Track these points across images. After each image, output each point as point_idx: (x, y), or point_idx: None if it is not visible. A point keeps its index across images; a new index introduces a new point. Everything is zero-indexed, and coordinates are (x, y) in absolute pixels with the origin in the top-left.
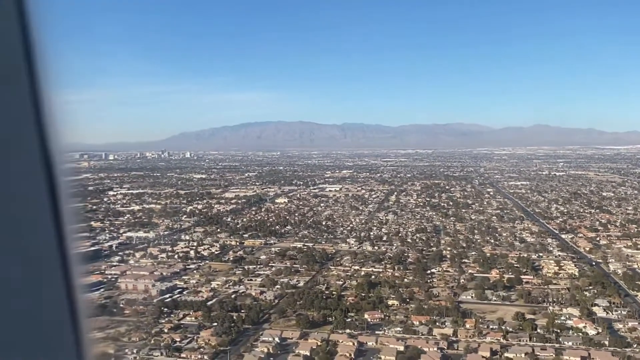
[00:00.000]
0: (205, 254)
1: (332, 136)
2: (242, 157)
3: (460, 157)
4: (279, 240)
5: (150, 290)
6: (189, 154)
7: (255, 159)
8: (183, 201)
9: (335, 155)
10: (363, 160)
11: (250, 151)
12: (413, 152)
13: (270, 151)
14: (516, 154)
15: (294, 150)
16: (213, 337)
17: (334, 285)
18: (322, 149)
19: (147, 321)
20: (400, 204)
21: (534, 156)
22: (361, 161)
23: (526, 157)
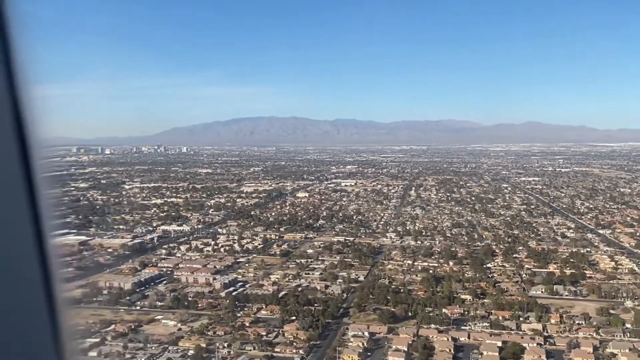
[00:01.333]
0: (250, 248)
1: (325, 132)
2: (239, 153)
3: (457, 154)
4: (317, 234)
5: (214, 283)
6: (185, 148)
7: (253, 154)
8: (203, 195)
9: (331, 151)
10: (360, 156)
11: (245, 146)
12: (408, 149)
13: (265, 146)
14: (511, 151)
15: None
16: (299, 331)
17: (397, 280)
18: (316, 144)
19: (225, 315)
20: (422, 199)
21: (530, 153)
22: (359, 157)
23: (523, 154)
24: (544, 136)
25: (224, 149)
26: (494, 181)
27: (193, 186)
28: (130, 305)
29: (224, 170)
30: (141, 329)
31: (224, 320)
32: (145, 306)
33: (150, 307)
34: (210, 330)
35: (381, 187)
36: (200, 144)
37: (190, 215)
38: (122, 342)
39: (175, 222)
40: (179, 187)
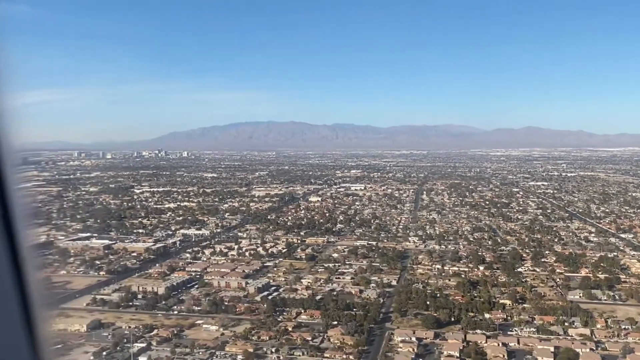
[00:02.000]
0: (275, 252)
1: (323, 137)
2: (240, 157)
3: (459, 158)
4: (338, 238)
5: (247, 287)
6: (186, 153)
7: (254, 159)
8: (215, 199)
9: (331, 156)
10: (362, 160)
11: (245, 151)
12: (408, 153)
13: (264, 151)
14: (512, 156)
15: (288, 150)
16: (344, 335)
17: (432, 285)
18: (315, 149)
19: (265, 319)
20: (436, 203)
21: (531, 157)
22: (361, 161)
23: (524, 159)
24: (543, 141)
25: (224, 154)
26: (503, 185)
27: (203, 190)
28: (167, 309)
29: (229, 174)
30: (183, 334)
31: (266, 324)
32: (182, 311)
33: (187, 311)
34: (255, 335)
35: (391, 191)
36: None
37: (207, 220)
38: (169, 347)
39: (194, 226)
40: (189, 192)
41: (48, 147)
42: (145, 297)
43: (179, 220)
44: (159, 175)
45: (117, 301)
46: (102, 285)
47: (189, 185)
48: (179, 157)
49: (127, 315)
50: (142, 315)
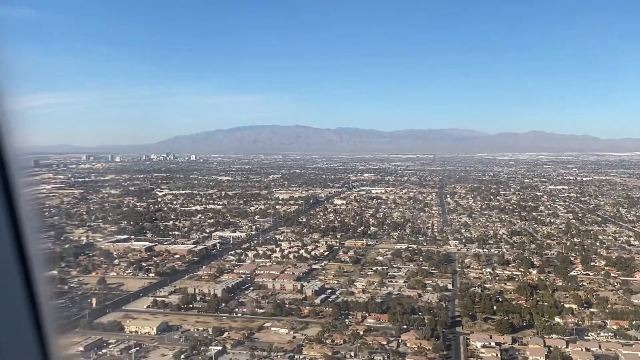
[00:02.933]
0: (317, 254)
1: (328, 140)
2: (247, 161)
3: (467, 162)
4: (376, 241)
5: (304, 290)
6: (194, 156)
7: (263, 163)
8: (239, 202)
9: (338, 159)
10: (370, 164)
11: (251, 154)
12: (414, 157)
13: (270, 154)
14: (520, 160)
15: (293, 154)
16: (419, 340)
17: (490, 289)
18: (320, 153)
19: (332, 322)
20: (463, 207)
21: (540, 162)
22: (370, 165)
23: (533, 163)
24: (548, 145)
25: (231, 157)
26: (524, 189)
27: (225, 193)
28: (230, 312)
29: (244, 177)
30: (254, 337)
31: (337, 328)
32: (245, 313)
33: (251, 314)
34: (328, 339)
35: (413, 194)
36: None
37: (238, 222)
38: (245, 350)
39: (227, 228)
40: (210, 194)
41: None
42: (204, 300)
43: (210, 222)
44: (174, 179)
45: (177, 303)
46: (155, 287)
47: (208, 188)
48: (187, 160)
49: (191, 317)
50: (206, 317)
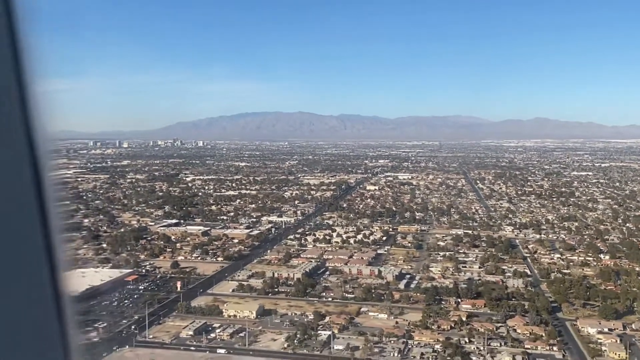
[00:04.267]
0: (376, 239)
1: (332, 127)
2: (255, 147)
3: (475, 149)
4: (428, 226)
5: (385, 275)
6: (201, 142)
7: (271, 149)
8: (271, 187)
9: (344, 146)
10: (379, 151)
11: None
12: (420, 144)
13: (276, 141)
14: (527, 147)
15: (297, 140)
16: (528, 326)
17: (572, 274)
18: (324, 139)
19: (430, 308)
20: (499, 193)
21: (548, 149)
22: (379, 152)
23: (542, 150)
24: (552, 132)
25: (238, 144)
26: (549, 175)
27: (253, 179)
28: (318, 296)
29: (260, 163)
30: (355, 322)
31: (439, 314)
32: (335, 298)
33: (341, 299)
34: (434, 325)
35: (441, 180)
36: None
37: (281, 207)
38: (354, 335)
39: (272, 213)
40: (239, 180)
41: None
42: (286, 284)
43: (252, 207)
44: (192, 165)
45: (261, 287)
46: (229, 271)
47: (231, 173)
48: (196, 147)
49: (282, 302)
50: (298, 302)
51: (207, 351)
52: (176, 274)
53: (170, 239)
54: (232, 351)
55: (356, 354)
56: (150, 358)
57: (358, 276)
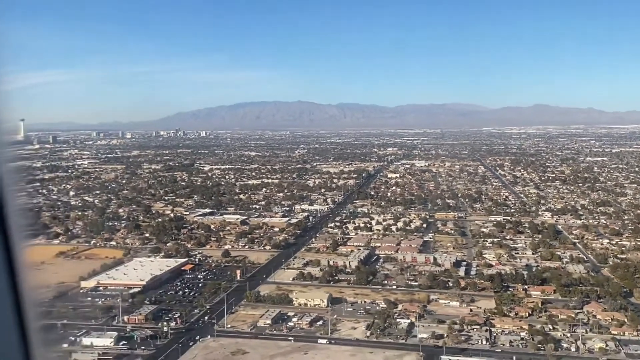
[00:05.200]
0: (416, 226)
1: (331, 116)
2: (258, 137)
3: (479, 136)
4: (464, 213)
5: (442, 263)
6: (204, 133)
7: (274, 138)
8: (292, 176)
9: (346, 135)
10: (382, 139)
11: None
12: (422, 132)
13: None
14: (530, 133)
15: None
16: (608, 312)
17: (630, 259)
18: (326, 128)
19: (501, 295)
20: (521, 179)
21: (552, 135)
22: (383, 140)
23: (546, 136)
24: (552, 119)
25: (240, 134)
26: (565, 160)
27: (271, 167)
28: (381, 284)
29: (270, 153)
30: (428, 309)
31: (514, 300)
32: (400, 285)
33: (406, 286)
34: (511, 312)
35: (459, 167)
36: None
37: (309, 195)
38: (433, 323)
39: (302, 202)
40: (257, 169)
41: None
42: (344, 272)
43: (280, 196)
44: (202, 154)
45: (320, 275)
46: (280, 260)
47: (245, 163)
48: (199, 137)
49: (346, 290)
50: (362, 290)
51: (292, 339)
52: (230, 263)
53: (211, 228)
54: (317, 340)
55: (440, 342)
56: (236, 348)
57: (413, 263)
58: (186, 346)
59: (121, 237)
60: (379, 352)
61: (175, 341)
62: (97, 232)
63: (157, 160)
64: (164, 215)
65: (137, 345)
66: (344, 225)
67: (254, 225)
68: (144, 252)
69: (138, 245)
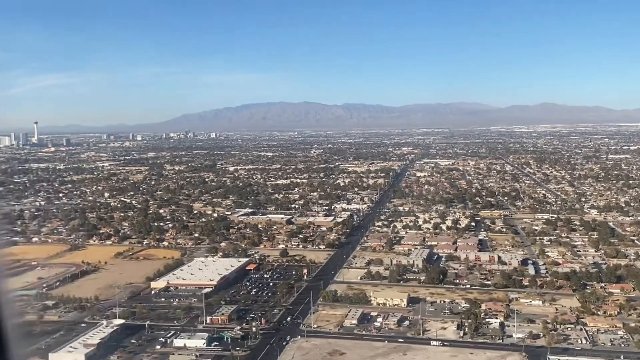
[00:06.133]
0: (466, 225)
1: (337, 116)
2: (268, 137)
3: (489, 135)
4: (508, 211)
5: (509, 261)
6: (213, 134)
7: (284, 139)
8: (319, 175)
9: (354, 135)
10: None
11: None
12: (429, 131)
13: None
14: (540, 132)
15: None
16: None
17: None
18: (332, 128)
19: (582, 294)
20: (552, 176)
21: (562, 133)
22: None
23: (558, 134)
24: (560, 117)
25: (249, 134)
26: (589, 158)
27: (296, 167)
28: (453, 283)
29: (286, 153)
30: (514, 309)
31: (598, 299)
32: (474, 285)
33: (480, 285)
34: (598, 310)
35: (484, 165)
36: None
37: (345, 194)
38: (525, 323)
39: (339, 201)
40: (282, 169)
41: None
42: (410, 271)
43: (314, 195)
44: (219, 155)
45: (386, 275)
46: (339, 258)
47: (266, 163)
48: (209, 138)
49: (420, 289)
50: (436, 289)
51: (385, 341)
52: (290, 262)
53: (259, 228)
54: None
55: (538, 342)
56: (331, 348)
57: (477, 262)
58: (280, 347)
59: (171, 237)
60: (479, 352)
61: (265, 342)
62: (146, 232)
63: (175, 161)
64: (207, 216)
65: (230, 346)
66: (391, 224)
67: (300, 225)
68: (200, 252)
69: (191, 245)
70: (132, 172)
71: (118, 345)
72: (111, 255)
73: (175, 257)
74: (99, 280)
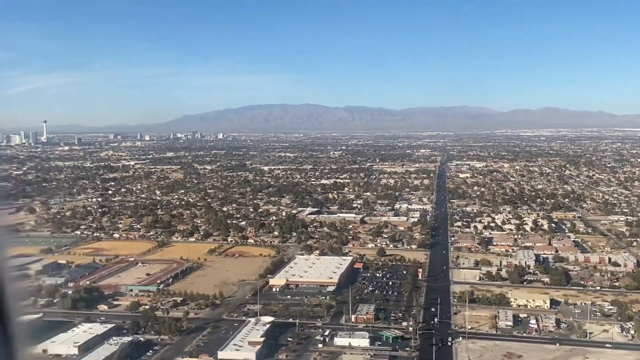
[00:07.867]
0: (549, 226)
1: (340, 119)
2: (276, 139)
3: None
4: (577, 212)
5: (625, 263)
6: (221, 135)
7: (292, 141)
8: (359, 175)
9: (360, 137)
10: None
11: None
12: (434, 134)
13: (287, 133)
14: (546, 136)
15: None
16: None
17: None
18: (335, 131)
19: None
20: (594, 179)
21: (569, 137)
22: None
23: (565, 139)
24: (563, 122)
25: (256, 136)
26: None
27: (330, 168)
28: (580, 285)
29: (306, 154)
30: None
31: None
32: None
33: (610, 287)
34: None
35: (519, 168)
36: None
37: (402, 195)
38: None
39: (398, 201)
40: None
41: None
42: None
43: (368, 195)
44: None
45: (505, 276)
46: (437, 259)
47: (292, 163)
48: (216, 139)
49: (549, 290)
50: (565, 291)
51: (557, 344)
52: (392, 262)
53: (336, 226)
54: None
55: None
56: (504, 351)
57: (587, 264)
58: (445, 348)
59: (252, 235)
60: None
61: (425, 342)
62: (226, 230)
63: (199, 160)
64: (274, 214)
65: (392, 346)
66: (471, 225)
67: (375, 224)
68: (291, 251)
69: (277, 243)
70: (165, 170)
71: (276, 343)
72: (204, 252)
73: (271, 254)
74: (208, 277)
